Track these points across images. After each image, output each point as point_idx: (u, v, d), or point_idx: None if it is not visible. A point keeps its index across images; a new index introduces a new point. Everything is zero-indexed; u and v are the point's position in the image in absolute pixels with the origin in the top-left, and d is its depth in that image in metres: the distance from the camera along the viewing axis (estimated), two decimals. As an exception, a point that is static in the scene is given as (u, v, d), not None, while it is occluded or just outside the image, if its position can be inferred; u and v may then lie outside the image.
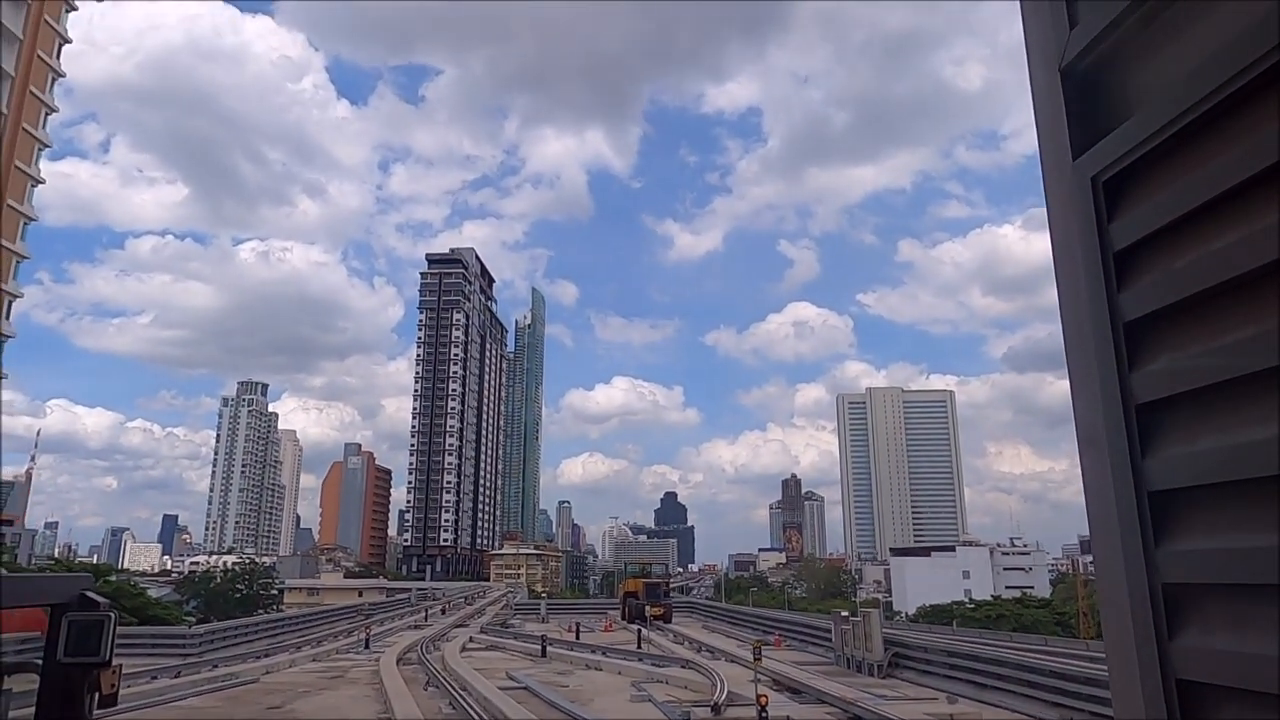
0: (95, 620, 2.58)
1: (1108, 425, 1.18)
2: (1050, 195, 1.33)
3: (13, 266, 53.16)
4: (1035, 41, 1.36)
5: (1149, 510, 1.12)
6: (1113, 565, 1.16)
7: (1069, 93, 1.29)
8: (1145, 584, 1.11)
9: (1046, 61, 1.32)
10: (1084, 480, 1.23)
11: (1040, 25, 1.34)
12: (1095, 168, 1.23)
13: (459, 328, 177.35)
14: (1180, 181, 1.10)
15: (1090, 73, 1.28)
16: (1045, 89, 1.33)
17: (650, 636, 31.07)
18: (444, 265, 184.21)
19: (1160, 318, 1.14)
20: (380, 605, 54.53)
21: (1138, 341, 1.17)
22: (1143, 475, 1.13)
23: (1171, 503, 1.10)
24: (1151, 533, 1.11)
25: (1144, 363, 1.16)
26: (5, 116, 51.42)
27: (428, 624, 40.41)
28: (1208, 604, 1.04)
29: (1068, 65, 1.28)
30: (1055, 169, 1.31)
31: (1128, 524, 1.14)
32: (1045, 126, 1.33)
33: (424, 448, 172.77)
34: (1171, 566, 1.09)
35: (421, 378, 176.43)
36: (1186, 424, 1.09)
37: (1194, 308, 1.09)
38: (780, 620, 37.59)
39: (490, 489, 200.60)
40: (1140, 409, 1.15)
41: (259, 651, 27.59)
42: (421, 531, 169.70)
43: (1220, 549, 1.01)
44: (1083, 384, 1.24)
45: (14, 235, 52.73)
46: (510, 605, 56.21)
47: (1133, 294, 1.17)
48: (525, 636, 33.09)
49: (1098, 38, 1.22)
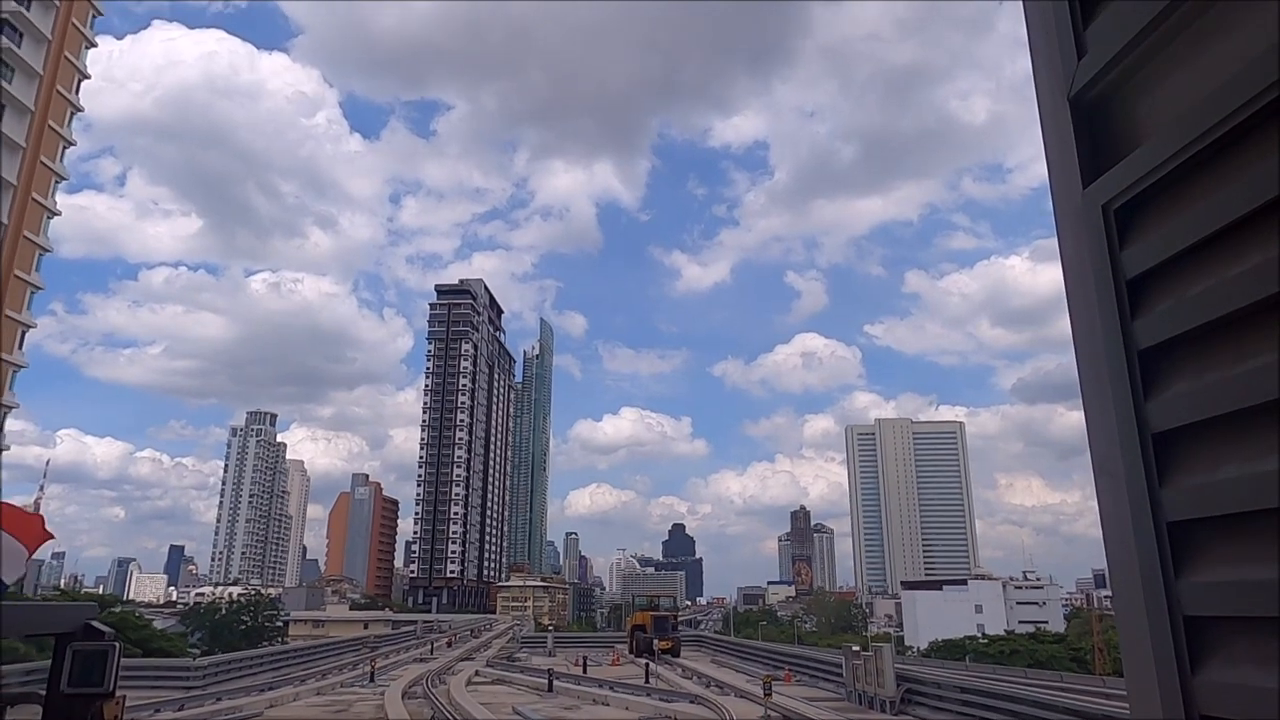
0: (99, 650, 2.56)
1: (1124, 455, 1.16)
2: (1061, 224, 1.32)
3: (27, 297, 53.71)
4: (1044, 71, 1.36)
5: (1168, 541, 1.09)
6: (1132, 598, 1.13)
7: (1078, 122, 1.29)
8: (1166, 617, 1.08)
9: (1055, 91, 1.32)
10: (1100, 511, 1.21)
11: (1049, 55, 1.34)
12: (1106, 196, 1.22)
13: (467, 358, 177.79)
14: (1192, 209, 1.09)
15: (1099, 102, 1.28)
16: (1054, 118, 1.33)
17: (658, 671, 30.67)
18: (453, 296, 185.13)
19: (1175, 345, 1.12)
20: (386, 638, 54.04)
21: (1153, 369, 1.16)
22: (1160, 506, 1.11)
23: (1191, 533, 1.07)
24: (1171, 564, 1.08)
25: (1159, 391, 1.14)
26: (24, 150, 52.30)
27: (433, 657, 40.00)
28: (1231, 638, 1.01)
29: (1076, 94, 1.29)
30: (1065, 197, 1.30)
31: (1146, 556, 1.11)
32: (1055, 155, 1.33)
33: (431, 478, 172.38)
34: (1193, 599, 1.05)
35: (430, 408, 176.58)
36: (1205, 453, 1.06)
37: (1209, 335, 1.07)
38: (790, 655, 37.07)
39: (497, 520, 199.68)
40: (1157, 438, 1.13)
41: (263, 684, 27.32)
42: (428, 563, 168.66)
43: (1243, 581, 0.98)
44: (1097, 413, 1.23)
45: (29, 266, 53.33)
46: (516, 638, 55.62)
47: (1146, 322, 1.16)
48: (532, 670, 32.70)
49: (1106, 67, 1.23)
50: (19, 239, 51.92)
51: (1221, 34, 1.06)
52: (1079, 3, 1.29)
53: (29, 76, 52.95)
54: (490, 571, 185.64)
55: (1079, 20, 1.29)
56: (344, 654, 39.82)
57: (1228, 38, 1.05)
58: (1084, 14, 1.28)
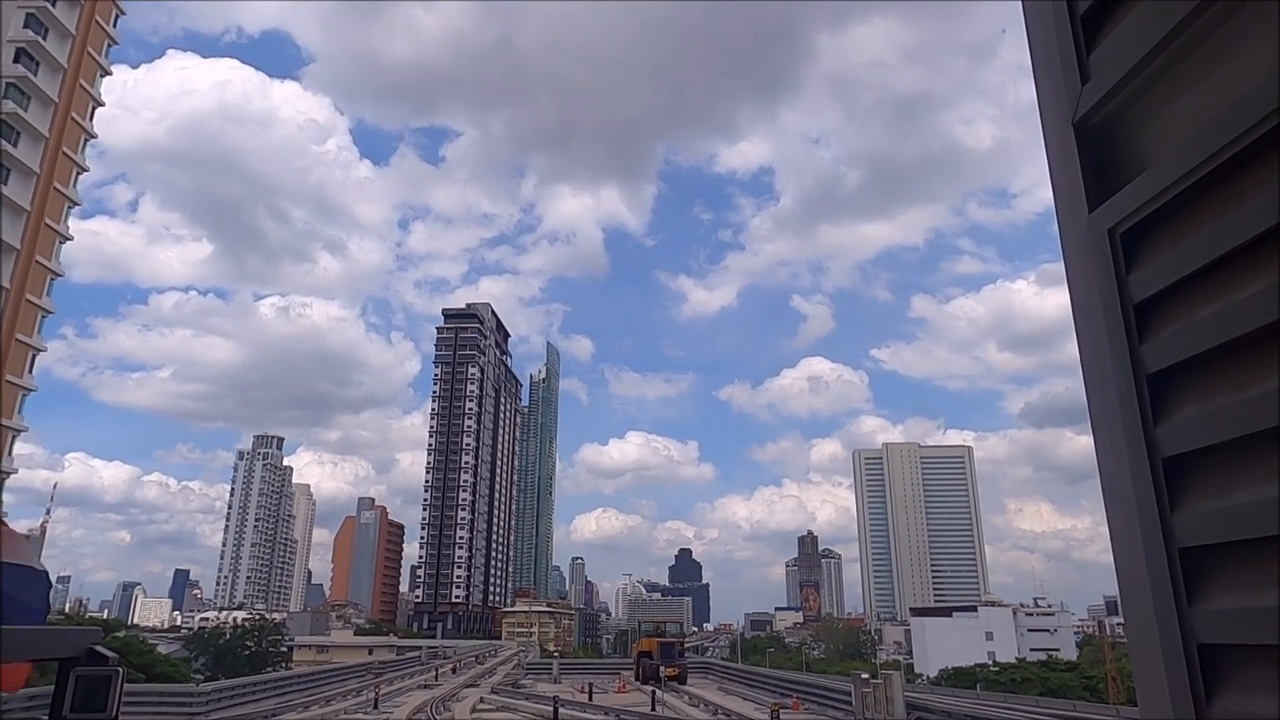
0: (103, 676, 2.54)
1: (1134, 480, 1.15)
2: (1067, 248, 1.32)
3: (38, 321, 54.11)
4: (1048, 96, 1.37)
5: (1180, 568, 1.08)
6: (1145, 626, 1.12)
7: (1083, 146, 1.29)
8: (1179, 645, 1.06)
9: (1060, 116, 1.33)
10: (1111, 537, 1.20)
11: (1053, 81, 1.35)
12: (1112, 220, 1.22)
13: (474, 382, 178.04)
14: (1199, 233, 1.09)
15: (1103, 127, 1.28)
16: (1059, 143, 1.34)
17: (665, 698, 30.35)
18: (460, 320, 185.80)
19: (1184, 369, 1.12)
20: (390, 664, 53.65)
21: (1162, 394, 1.15)
22: (1172, 531, 1.10)
23: (1204, 560, 1.06)
24: (1184, 591, 1.07)
25: (1169, 415, 1.13)
26: (38, 176, 52.94)
27: (438, 683, 39.67)
28: (1246, 666, 0.99)
29: (1081, 119, 1.29)
30: (1071, 222, 1.30)
31: (1159, 582, 1.10)
32: (1060, 180, 1.34)
33: (437, 502, 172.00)
34: (1207, 626, 1.04)
35: (436, 432, 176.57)
36: (1217, 477, 1.05)
37: (1218, 359, 1.06)
38: (798, 682, 36.67)
39: (503, 545, 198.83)
40: (1167, 463, 1.12)
41: (266, 711, 27.12)
42: (433, 588, 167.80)
43: (1258, 609, 0.96)
44: (1107, 438, 1.22)
45: (40, 290, 53.78)
46: (522, 664, 55.16)
47: (1155, 346, 1.16)
48: (537, 697, 32.38)
49: (1110, 92, 1.23)
50: (31, 263, 52.41)
51: (1224, 60, 1.07)
52: (1082, 30, 1.30)
53: (44, 104, 53.73)
54: (496, 597, 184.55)
55: (1082, 47, 1.30)
56: (348, 680, 39.53)
57: (1231, 64, 1.05)
58: (1087, 41, 1.29)
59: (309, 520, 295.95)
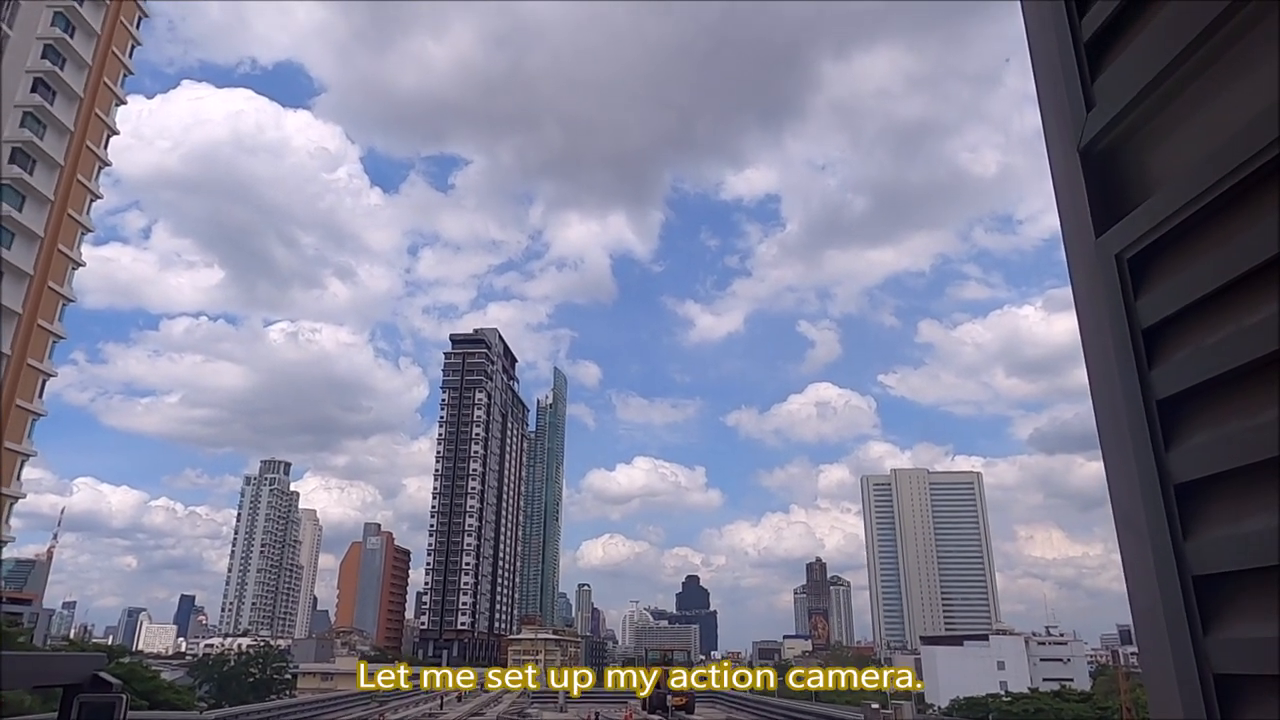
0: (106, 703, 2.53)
1: (1146, 507, 1.14)
2: (1075, 273, 1.32)
3: (49, 345, 54.49)
4: (1053, 123, 1.38)
5: (1195, 596, 1.06)
6: (1159, 655, 1.10)
7: (1088, 172, 1.30)
8: (1195, 676, 1.04)
9: (1065, 142, 1.34)
10: (1124, 565, 1.19)
11: (1058, 107, 1.36)
12: (1119, 245, 1.23)
13: (481, 407, 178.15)
14: (1206, 258, 1.08)
15: (1109, 153, 1.29)
16: (1065, 169, 1.34)
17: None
18: (467, 345, 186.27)
19: (1195, 395, 1.11)
20: (395, 691, 53.20)
21: (1173, 419, 1.14)
22: (1185, 559, 1.08)
23: (1219, 587, 1.04)
24: (1199, 620, 1.05)
25: (1181, 441, 1.12)
26: (52, 203, 53.60)
27: (443, 712, 39.29)
28: (1263, 697, 0.97)
29: (1086, 146, 1.30)
30: (1078, 247, 1.31)
31: (1173, 611, 1.08)
32: (1066, 205, 1.34)
33: (443, 528, 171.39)
34: (1223, 656, 1.02)
35: (443, 457, 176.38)
36: (1229, 504, 1.04)
37: (1229, 384, 1.05)
38: (807, 711, 36.18)
39: (509, 571, 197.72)
40: (1179, 489, 1.11)
41: (270, 739, 26.88)
42: (439, 614, 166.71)
43: (1275, 638, 0.95)
44: (1118, 464, 1.21)
45: (52, 315, 54.21)
46: (528, 693, 54.62)
47: (1164, 371, 1.15)
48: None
49: (1115, 118, 1.24)
50: (44, 288, 52.90)
51: (1229, 86, 1.07)
52: (1086, 57, 1.31)
53: (60, 132, 54.52)
54: (501, 623, 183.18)
55: (1086, 74, 1.31)
56: (353, 708, 39.18)
57: (1235, 90, 1.05)
58: (1091, 68, 1.30)
59: (315, 546, 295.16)
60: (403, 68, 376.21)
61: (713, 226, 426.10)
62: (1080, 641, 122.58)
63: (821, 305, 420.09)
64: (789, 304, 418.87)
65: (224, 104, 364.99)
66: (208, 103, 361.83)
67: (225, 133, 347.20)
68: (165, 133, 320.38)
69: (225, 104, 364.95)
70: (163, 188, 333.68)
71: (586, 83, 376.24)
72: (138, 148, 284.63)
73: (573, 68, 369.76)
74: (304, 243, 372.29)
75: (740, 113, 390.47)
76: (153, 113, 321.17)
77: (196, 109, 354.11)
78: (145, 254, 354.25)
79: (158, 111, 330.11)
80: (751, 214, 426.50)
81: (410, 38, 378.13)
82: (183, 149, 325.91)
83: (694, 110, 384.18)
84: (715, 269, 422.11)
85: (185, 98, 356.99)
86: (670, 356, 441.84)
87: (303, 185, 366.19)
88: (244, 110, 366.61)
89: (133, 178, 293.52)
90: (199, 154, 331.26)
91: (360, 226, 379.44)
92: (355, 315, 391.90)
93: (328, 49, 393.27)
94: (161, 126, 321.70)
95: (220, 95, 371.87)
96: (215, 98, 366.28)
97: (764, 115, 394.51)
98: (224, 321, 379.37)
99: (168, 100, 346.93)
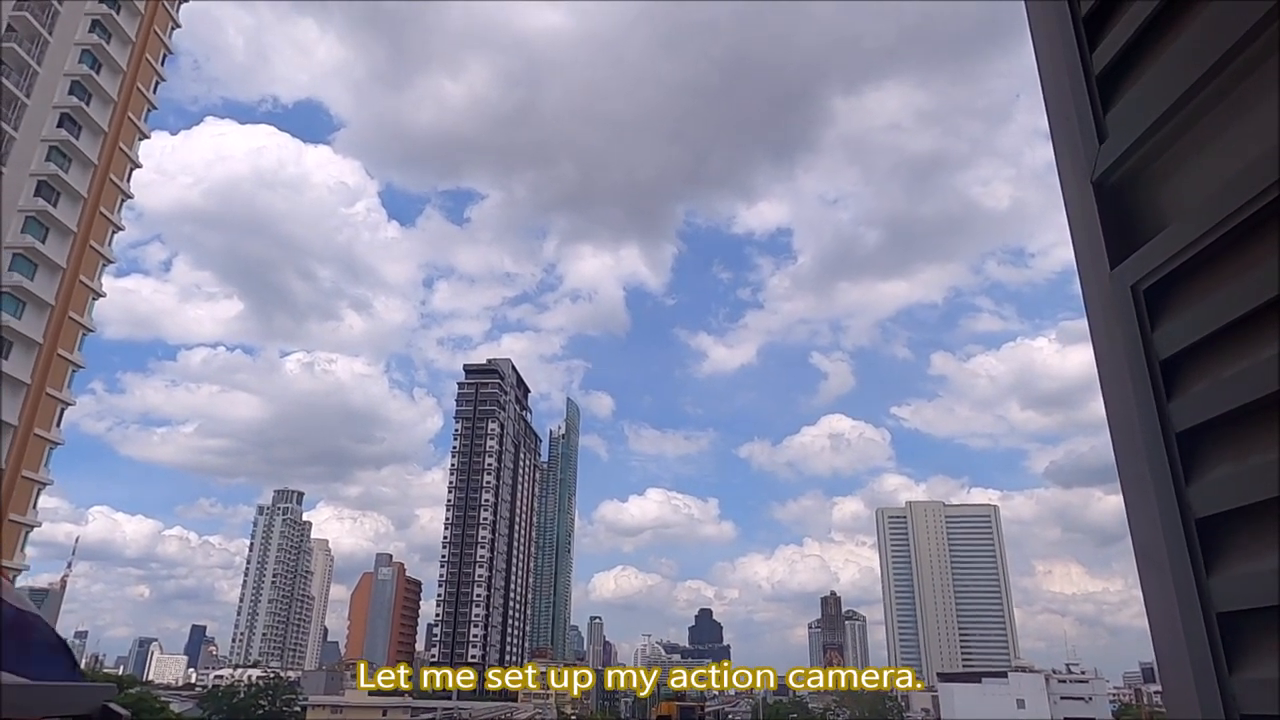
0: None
1: (1167, 542, 1.12)
2: (1090, 305, 1.32)
3: (68, 375, 55.08)
4: (1065, 155, 1.38)
5: (1219, 633, 1.03)
6: (1184, 695, 1.07)
7: (1102, 204, 1.30)
8: (1222, 716, 1.01)
9: (1078, 174, 1.34)
10: (1145, 602, 1.16)
11: (1070, 140, 1.36)
12: (1134, 276, 1.22)
13: (493, 437, 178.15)
14: (1224, 289, 1.07)
15: (1123, 185, 1.29)
16: (1078, 201, 1.34)
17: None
18: (480, 375, 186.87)
19: (1214, 427, 1.09)
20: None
21: (1192, 452, 1.12)
22: (1209, 595, 1.06)
23: (1244, 625, 1.01)
24: (1224, 658, 1.02)
25: (1201, 475, 1.10)
26: (75, 235, 54.52)
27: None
28: (1291, 738, 0.95)
29: (1100, 177, 1.30)
30: (1093, 278, 1.30)
31: (1197, 649, 1.05)
32: (1080, 237, 1.34)
33: (455, 559, 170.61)
34: (1249, 695, 0.99)
35: (455, 487, 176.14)
36: (1253, 539, 1.02)
37: (1250, 417, 1.03)
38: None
39: (520, 603, 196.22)
40: (1201, 524, 1.09)
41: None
42: (449, 646, 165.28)
43: None
44: (1137, 498, 1.19)
45: (71, 345, 54.88)
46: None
47: (1183, 403, 1.14)
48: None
49: (1128, 150, 1.24)
50: (64, 318, 53.60)
51: (1244, 117, 1.06)
52: (1099, 89, 1.31)
53: (84, 166, 55.63)
54: (512, 656, 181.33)
55: (1099, 106, 1.31)
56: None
57: (1250, 120, 1.05)
58: (1104, 100, 1.31)
59: (327, 576, 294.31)
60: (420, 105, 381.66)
61: (725, 259, 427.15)
62: (1102, 679, 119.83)
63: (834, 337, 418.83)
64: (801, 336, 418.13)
65: (246, 140, 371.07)
66: (230, 138, 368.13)
67: (246, 168, 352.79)
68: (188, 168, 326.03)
69: (247, 140, 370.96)
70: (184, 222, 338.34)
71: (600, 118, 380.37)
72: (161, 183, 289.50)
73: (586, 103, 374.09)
74: (321, 275, 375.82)
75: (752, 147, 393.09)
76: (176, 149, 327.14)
77: (219, 145, 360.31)
78: (165, 286, 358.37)
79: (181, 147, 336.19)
80: (763, 247, 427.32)
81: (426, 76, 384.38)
82: (205, 184, 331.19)
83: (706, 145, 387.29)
84: (727, 301, 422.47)
85: (208, 134, 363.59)
86: (683, 388, 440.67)
87: (321, 219, 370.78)
88: (266, 146, 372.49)
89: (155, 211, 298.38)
90: (221, 188, 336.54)
91: (377, 259, 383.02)
92: (370, 347, 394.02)
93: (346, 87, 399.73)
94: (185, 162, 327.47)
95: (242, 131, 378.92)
96: (237, 134, 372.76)
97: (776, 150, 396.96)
98: (241, 352, 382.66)
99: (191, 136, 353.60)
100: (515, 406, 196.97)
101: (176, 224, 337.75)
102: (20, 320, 50.17)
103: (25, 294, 50.62)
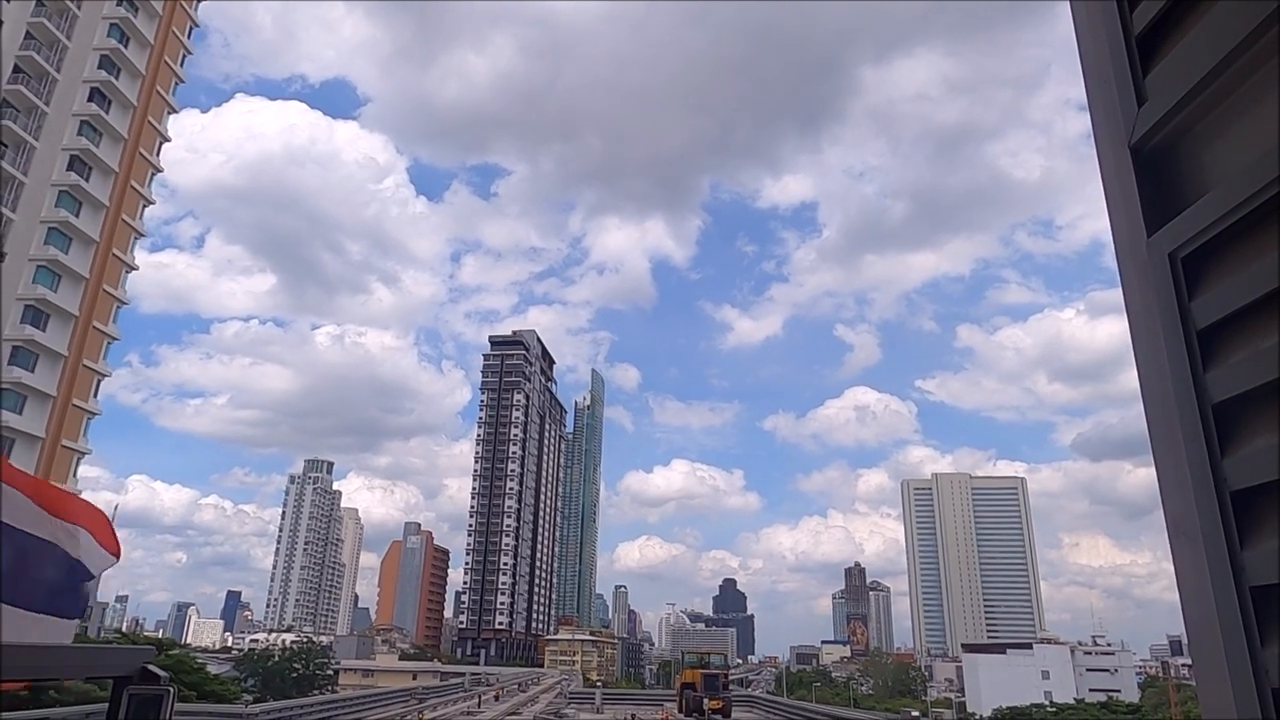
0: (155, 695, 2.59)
1: (1201, 515, 1.10)
2: (1125, 273, 1.28)
3: (104, 347, 56.12)
4: (1102, 120, 1.34)
5: (1252, 607, 1.02)
6: (1214, 668, 1.05)
7: (1140, 169, 1.26)
8: (1253, 690, 1.00)
9: (1116, 139, 1.30)
10: (1177, 575, 1.14)
11: (1108, 103, 1.33)
12: (1172, 244, 1.19)
13: (519, 408, 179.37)
14: (1266, 257, 1.04)
15: (1161, 149, 1.25)
16: (1115, 166, 1.31)
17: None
18: (506, 346, 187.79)
19: (1252, 398, 1.06)
20: (434, 689, 53.75)
21: (1229, 424, 1.10)
22: (1243, 569, 1.04)
23: (1277, 599, 1.00)
24: (1256, 632, 1.01)
25: (1237, 447, 1.08)
26: (107, 209, 55.24)
27: (480, 710, 39.60)
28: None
29: (1137, 142, 1.26)
30: (1129, 246, 1.27)
31: (1229, 622, 1.04)
32: (1116, 203, 1.30)
33: (482, 528, 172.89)
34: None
35: (481, 457, 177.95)
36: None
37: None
38: (846, 719, 35.77)
39: (546, 572, 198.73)
40: (1236, 497, 1.07)
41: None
42: (477, 614, 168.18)
43: None
44: (1171, 470, 1.17)
45: (106, 317, 55.84)
46: (564, 693, 54.80)
47: (1220, 374, 1.11)
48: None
49: (1168, 114, 1.20)
50: (99, 291, 54.51)
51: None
52: (1138, 51, 1.27)
53: (114, 140, 56.17)
54: (539, 624, 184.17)
55: (1138, 68, 1.27)
56: (391, 705, 39.66)
57: None
58: (1143, 62, 1.27)
59: (357, 544, 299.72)
60: (446, 80, 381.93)
61: (750, 232, 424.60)
62: (1128, 652, 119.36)
63: (859, 310, 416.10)
64: (827, 309, 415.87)
65: (276, 117, 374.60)
66: (260, 116, 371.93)
67: (277, 145, 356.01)
68: (220, 146, 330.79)
69: (278, 117, 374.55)
70: (217, 198, 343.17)
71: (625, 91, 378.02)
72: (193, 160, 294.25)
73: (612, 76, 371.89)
74: (351, 250, 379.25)
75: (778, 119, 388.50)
76: (207, 127, 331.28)
77: (249, 122, 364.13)
78: (199, 261, 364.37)
79: (212, 125, 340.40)
80: (789, 220, 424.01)
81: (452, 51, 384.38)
82: (236, 160, 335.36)
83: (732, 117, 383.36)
84: (753, 274, 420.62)
85: (239, 111, 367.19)
86: (708, 360, 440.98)
87: (351, 195, 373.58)
88: (296, 123, 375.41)
89: (188, 189, 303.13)
90: (251, 164, 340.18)
91: (405, 234, 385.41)
92: (399, 320, 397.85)
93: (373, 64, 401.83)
94: (216, 140, 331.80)
95: (272, 108, 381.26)
96: (268, 111, 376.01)
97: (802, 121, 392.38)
98: (273, 325, 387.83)
99: (222, 114, 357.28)
100: (540, 378, 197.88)
101: (209, 200, 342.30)
102: (56, 293, 51.07)
103: (60, 267, 51.49)
